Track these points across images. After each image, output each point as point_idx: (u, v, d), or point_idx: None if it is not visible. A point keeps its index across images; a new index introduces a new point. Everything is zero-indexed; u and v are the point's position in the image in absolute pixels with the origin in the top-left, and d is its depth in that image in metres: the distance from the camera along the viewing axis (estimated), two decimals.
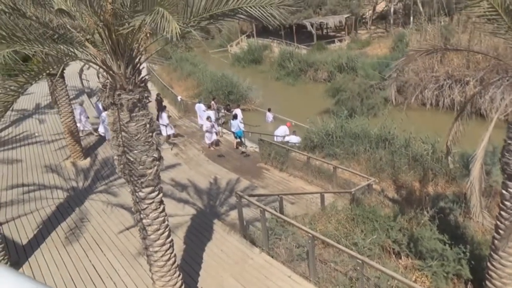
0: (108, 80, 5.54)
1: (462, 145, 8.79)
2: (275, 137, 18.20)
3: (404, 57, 7.68)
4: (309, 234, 7.58)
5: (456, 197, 11.11)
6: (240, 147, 17.49)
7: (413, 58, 7.54)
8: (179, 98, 22.98)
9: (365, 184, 12.37)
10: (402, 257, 8.89)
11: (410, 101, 24.27)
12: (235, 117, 17.63)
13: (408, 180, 13.21)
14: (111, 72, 5.47)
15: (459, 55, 24.39)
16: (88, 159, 14.44)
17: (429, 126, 17.01)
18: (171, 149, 16.14)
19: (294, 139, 17.21)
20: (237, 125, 17.74)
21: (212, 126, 17.15)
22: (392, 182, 13.22)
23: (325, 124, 16.87)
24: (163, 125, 17.16)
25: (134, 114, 5.74)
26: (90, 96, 23.74)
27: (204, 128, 17.58)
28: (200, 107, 20.51)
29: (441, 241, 8.59)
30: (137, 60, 5.57)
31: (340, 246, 7.40)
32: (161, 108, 18.81)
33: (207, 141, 17.11)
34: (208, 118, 17.60)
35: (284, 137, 18.01)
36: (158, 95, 21.23)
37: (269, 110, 22.89)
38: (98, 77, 7.29)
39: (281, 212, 9.47)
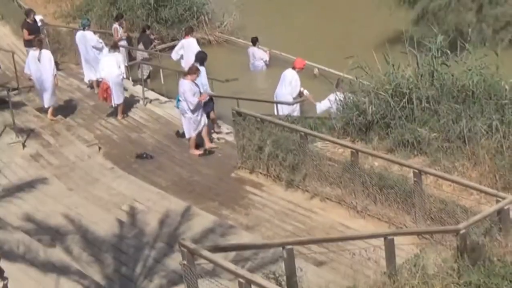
0: None
1: None
2: (277, 108, 14.43)
3: None
4: None
5: None
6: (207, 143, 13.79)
7: None
8: (38, 18, 18.38)
9: (493, 211, 9.61)
10: None
11: None
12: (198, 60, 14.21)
13: None
14: None
15: None
16: None
17: None
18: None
19: (326, 105, 13.83)
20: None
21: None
22: None
23: (391, 69, 12.51)
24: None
25: None
26: None
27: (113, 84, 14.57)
28: (87, 39, 16.46)
29: None
30: None
31: None
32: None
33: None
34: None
35: (298, 102, 14.63)
36: None
37: (254, 42, 18.48)
38: None
39: (292, 287, 7.80)
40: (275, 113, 14.79)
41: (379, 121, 12.71)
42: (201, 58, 14.54)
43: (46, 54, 14.98)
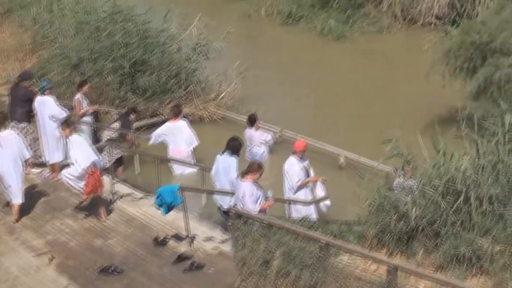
0: None
1: None
2: (290, 209, 15.18)
3: None
4: None
5: None
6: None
7: None
8: None
9: None
10: None
11: None
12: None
13: None
14: None
15: None
16: None
17: None
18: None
19: None
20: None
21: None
22: None
23: (442, 159, 12.91)
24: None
25: None
26: None
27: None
28: (45, 106, 16.72)
29: None
30: None
31: None
32: None
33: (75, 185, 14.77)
34: None
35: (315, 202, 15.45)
36: None
37: (252, 121, 18.54)
38: None
39: None
40: (287, 215, 15.01)
41: (425, 228, 12.47)
42: (234, 147, 14.90)
43: (8, 135, 14.99)
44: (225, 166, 14.85)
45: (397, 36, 29.35)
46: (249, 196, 13.19)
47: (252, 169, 13.58)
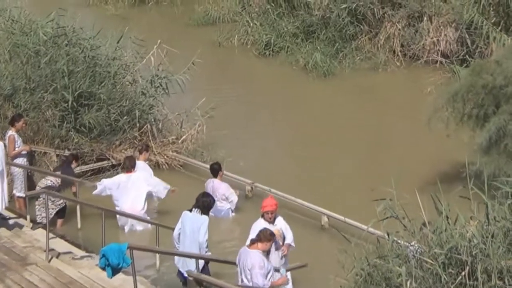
0: None
1: None
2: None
3: None
4: None
5: None
6: None
7: None
8: None
9: None
10: None
11: None
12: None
13: None
14: None
15: None
16: None
17: None
18: None
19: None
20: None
21: None
22: None
23: (444, 223, 12.80)
24: None
25: None
26: None
27: None
28: None
29: None
30: None
31: None
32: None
33: None
34: None
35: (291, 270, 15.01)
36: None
37: (215, 172, 18.70)
38: None
39: None
40: None
41: None
42: (205, 204, 14.85)
43: None
44: (194, 226, 14.85)
45: (395, 75, 29.28)
46: (259, 268, 13.09)
47: (263, 237, 13.49)
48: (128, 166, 17.64)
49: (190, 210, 14.76)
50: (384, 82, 28.99)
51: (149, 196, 17.27)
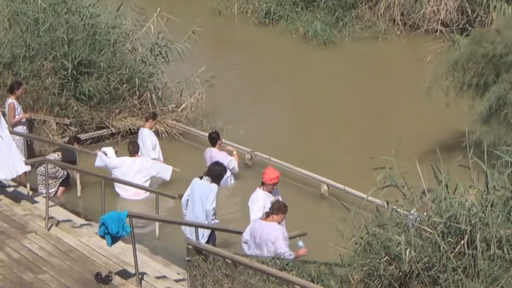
0: None
1: None
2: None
3: None
4: None
5: None
6: None
7: None
8: None
9: None
10: None
11: None
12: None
13: None
14: None
15: None
16: None
17: None
18: None
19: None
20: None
21: None
22: None
23: (444, 192, 12.71)
24: None
25: None
26: None
27: None
28: None
29: None
30: None
31: None
32: None
33: None
34: None
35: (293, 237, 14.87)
36: None
37: (213, 141, 18.59)
38: None
39: None
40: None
41: (421, 273, 12.41)
42: (216, 173, 14.80)
43: None
44: (203, 194, 14.83)
45: (394, 44, 29.27)
46: (283, 240, 13.22)
47: (277, 209, 13.58)
48: (132, 151, 17.71)
49: (201, 178, 14.81)
50: (384, 51, 28.85)
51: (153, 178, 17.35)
